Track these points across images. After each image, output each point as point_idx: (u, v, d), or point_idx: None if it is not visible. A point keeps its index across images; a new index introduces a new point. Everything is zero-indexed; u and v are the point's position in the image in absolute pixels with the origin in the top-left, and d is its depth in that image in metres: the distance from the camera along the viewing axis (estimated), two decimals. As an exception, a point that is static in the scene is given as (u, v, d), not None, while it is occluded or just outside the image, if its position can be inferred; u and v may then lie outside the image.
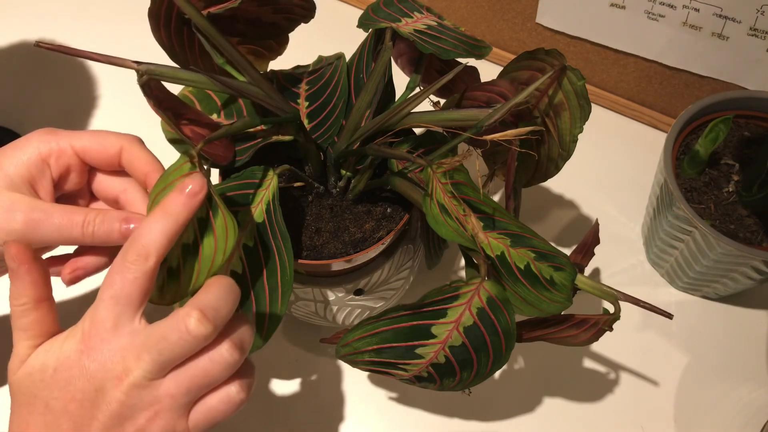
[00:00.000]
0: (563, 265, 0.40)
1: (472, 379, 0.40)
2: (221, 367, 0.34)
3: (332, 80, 0.48)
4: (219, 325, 0.34)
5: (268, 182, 0.41)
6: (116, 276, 0.33)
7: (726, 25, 0.58)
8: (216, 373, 0.34)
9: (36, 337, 0.35)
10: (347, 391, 0.56)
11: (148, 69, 0.36)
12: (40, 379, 0.34)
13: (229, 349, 0.34)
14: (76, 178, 0.41)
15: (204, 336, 0.33)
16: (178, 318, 0.33)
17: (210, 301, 0.34)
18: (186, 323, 0.33)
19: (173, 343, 0.33)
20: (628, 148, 0.69)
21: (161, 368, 0.33)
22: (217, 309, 0.34)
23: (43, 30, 0.77)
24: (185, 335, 0.33)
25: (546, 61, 0.44)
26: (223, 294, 0.34)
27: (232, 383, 0.35)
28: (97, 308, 0.34)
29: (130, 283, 0.33)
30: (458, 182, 0.39)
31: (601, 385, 0.56)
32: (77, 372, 0.33)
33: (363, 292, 0.50)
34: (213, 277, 0.36)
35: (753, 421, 0.54)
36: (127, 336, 0.33)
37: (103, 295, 0.33)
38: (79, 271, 0.40)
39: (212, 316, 0.33)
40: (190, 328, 0.32)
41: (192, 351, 0.33)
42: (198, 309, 0.33)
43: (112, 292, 0.33)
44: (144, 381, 0.33)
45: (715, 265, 0.53)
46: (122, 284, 0.33)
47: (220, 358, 0.34)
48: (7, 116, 0.70)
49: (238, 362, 0.35)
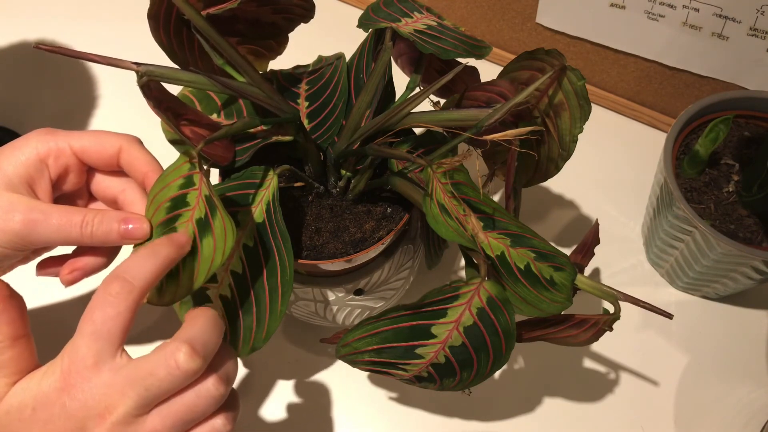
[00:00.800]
0: (563, 265, 0.40)
1: (472, 379, 0.40)
2: (207, 402, 0.33)
3: (332, 80, 0.48)
4: (208, 359, 0.33)
5: (268, 182, 0.41)
6: (97, 311, 0.33)
7: (726, 25, 0.58)
8: (202, 408, 0.33)
9: (13, 374, 0.34)
10: (347, 391, 0.56)
11: (147, 70, 0.36)
12: (18, 419, 0.33)
13: (215, 383, 0.34)
14: (75, 178, 0.41)
15: (194, 371, 0.32)
16: (166, 353, 0.32)
17: (198, 334, 0.33)
18: (176, 358, 0.32)
19: (161, 379, 0.32)
20: (628, 148, 0.69)
21: (147, 404, 0.32)
22: (205, 343, 0.33)
23: (43, 30, 0.77)
24: (174, 370, 0.32)
25: (546, 61, 0.44)
26: (209, 327, 0.34)
27: (217, 416, 0.35)
28: (77, 344, 0.33)
29: (111, 319, 0.32)
30: (458, 182, 0.39)
31: (601, 385, 0.56)
32: (58, 410, 0.32)
33: (363, 292, 0.50)
34: (197, 309, 0.35)
35: (753, 421, 0.54)
36: (108, 372, 0.32)
37: (83, 331, 0.33)
38: (78, 272, 0.40)
39: (201, 350, 0.33)
40: (180, 363, 0.32)
41: (180, 386, 0.33)
42: (187, 343, 0.32)
43: (92, 327, 0.32)
44: (128, 418, 0.32)
45: (715, 265, 0.53)
46: (103, 319, 0.32)
47: (207, 393, 0.33)
48: (7, 116, 0.70)
49: (224, 396, 0.34)
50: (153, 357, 0.32)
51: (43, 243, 0.38)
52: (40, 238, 0.37)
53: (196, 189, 0.37)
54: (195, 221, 0.36)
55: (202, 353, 0.33)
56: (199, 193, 0.37)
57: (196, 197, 0.37)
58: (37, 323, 0.33)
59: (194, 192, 0.37)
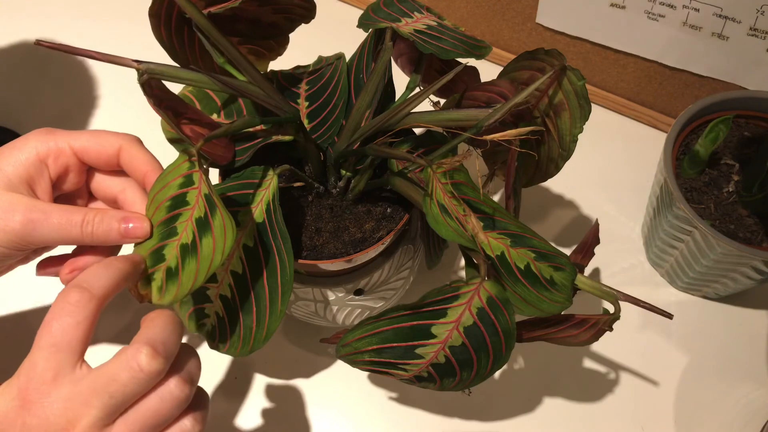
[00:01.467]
0: (563, 265, 0.40)
1: (472, 379, 0.40)
2: (171, 404, 0.33)
3: (332, 80, 0.48)
4: (170, 359, 0.33)
5: (268, 182, 0.41)
6: (55, 322, 0.32)
7: (726, 25, 0.58)
8: (167, 411, 0.33)
9: None
10: (347, 391, 0.56)
11: (148, 68, 0.36)
12: None
13: (178, 384, 0.33)
14: (75, 178, 0.41)
15: (157, 372, 0.32)
16: (128, 356, 0.32)
17: (157, 335, 0.33)
18: (137, 360, 0.31)
19: (125, 383, 0.31)
20: (628, 148, 0.69)
21: (112, 412, 0.32)
22: (165, 343, 0.33)
23: (43, 30, 0.77)
24: (138, 373, 0.31)
25: (546, 61, 0.44)
26: (168, 327, 0.34)
27: (185, 417, 0.34)
28: (34, 359, 0.32)
29: (72, 328, 0.32)
30: (458, 182, 0.39)
31: (601, 385, 0.56)
32: (18, 430, 0.31)
33: (363, 292, 0.50)
34: (154, 312, 0.35)
35: (753, 421, 0.54)
36: (68, 385, 0.31)
37: (41, 343, 0.32)
38: (78, 272, 0.40)
39: (162, 350, 0.32)
40: (143, 365, 0.31)
41: (144, 389, 0.32)
42: (147, 344, 0.32)
43: (52, 339, 0.31)
44: (93, 430, 0.31)
45: (715, 265, 0.53)
46: (62, 330, 0.31)
47: (170, 396, 0.33)
48: (7, 116, 0.70)
49: (189, 396, 0.34)
50: (113, 363, 0.32)
51: (43, 242, 0.37)
52: (40, 238, 0.37)
53: (196, 188, 0.37)
54: (194, 220, 0.36)
55: (163, 353, 0.32)
56: (198, 191, 0.37)
57: (196, 196, 0.37)
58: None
59: (194, 191, 0.37)
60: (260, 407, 0.55)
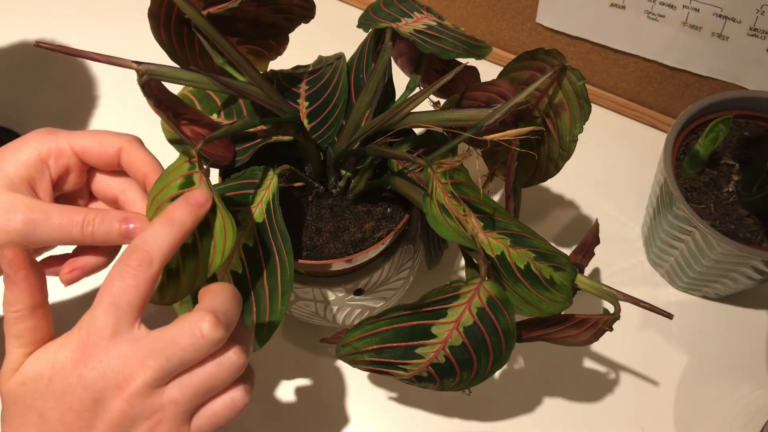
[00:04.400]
0: (563, 265, 0.40)
1: (472, 379, 0.40)
2: (229, 370, 0.34)
3: (332, 80, 0.48)
4: (230, 330, 0.33)
5: (268, 182, 0.41)
6: (116, 281, 0.33)
7: (726, 25, 0.58)
8: (223, 377, 0.34)
9: (29, 344, 0.34)
10: (347, 391, 0.56)
11: (148, 69, 0.36)
12: (34, 389, 0.33)
13: (237, 351, 0.34)
14: (76, 178, 0.41)
15: (217, 340, 0.32)
16: (190, 322, 0.32)
17: (220, 305, 0.33)
18: (200, 327, 0.32)
19: (184, 348, 0.32)
20: (628, 148, 0.69)
21: (167, 375, 0.32)
22: (227, 313, 0.33)
23: (43, 30, 0.77)
24: (199, 339, 0.32)
25: (546, 61, 0.44)
26: (230, 299, 0.34)
27: (236, 387, 0.35)
28: (95, 314, 0.33)
29: (132, 289, 0.32)
30: (458, 182, 0.39)
31: (601, 385, 0.56)
32: (74, 381, 0.32)
33: (363, 292, 0.50)
34: (217, 284, 0.35)
35: (753, 421, 0.54)
36: (126, 343, 0.32)
37: (102, 301, 0.33)
38: (78, 271, 0.40)
39: (224, 320, 0.33)
40: (205, 332, 0.32)
41: (203, 356, 0.33)
42: (211, 313, 0.32)
43: (111, 298, 0.32)
44: (147, 389, 0.32)
45: (715, 265, 0.53)
46: (123, 290, 0.32)
47: (229, 362, 0.34)
48: (7, 116, 0.70)
49: (244, 366, 0.34)
50: (175, 327, 0.33)
51: (44, 242, 0.38)
52: (41, 238, 0.37)
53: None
54: (195, 221, 0.36)
55: (224, 323, 0.33)
56: (199, 192, 0.36)
57: (196, 197, 0.36)
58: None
59: (194, 191, 0.37)
60: (260, 407, 0.55)
